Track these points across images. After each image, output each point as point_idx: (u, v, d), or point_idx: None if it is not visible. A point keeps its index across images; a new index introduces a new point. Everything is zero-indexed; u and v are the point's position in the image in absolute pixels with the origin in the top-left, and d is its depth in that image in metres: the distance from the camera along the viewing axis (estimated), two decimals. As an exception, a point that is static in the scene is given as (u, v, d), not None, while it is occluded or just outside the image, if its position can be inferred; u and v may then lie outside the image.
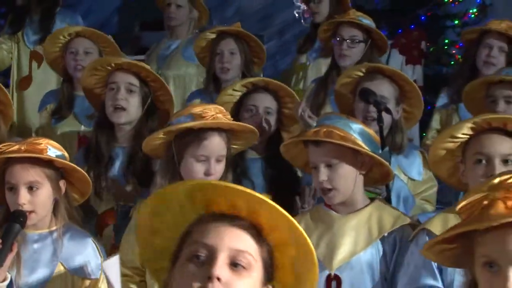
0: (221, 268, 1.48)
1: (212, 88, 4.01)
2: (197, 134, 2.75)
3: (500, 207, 1.57)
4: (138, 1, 8.78)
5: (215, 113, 2.77)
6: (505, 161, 2.51)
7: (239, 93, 3.45)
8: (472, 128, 2.56)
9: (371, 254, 2.68)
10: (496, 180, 1.62)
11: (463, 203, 1.65)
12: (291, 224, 1.54)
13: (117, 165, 3.25)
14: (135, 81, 3.25)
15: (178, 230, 1.59)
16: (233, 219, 1.55)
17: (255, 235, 1.56)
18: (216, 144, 2.77)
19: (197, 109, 2.82)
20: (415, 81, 5.92)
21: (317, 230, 2.71)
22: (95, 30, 4.13)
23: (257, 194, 1.51)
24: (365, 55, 4.17)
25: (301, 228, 1.55)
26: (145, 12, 7.73)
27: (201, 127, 2.75)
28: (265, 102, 3.40)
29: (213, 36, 4.11)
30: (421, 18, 7.04)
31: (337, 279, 2.62)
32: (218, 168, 2.78)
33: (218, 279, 1.47)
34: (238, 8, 9.16)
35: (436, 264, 2.41)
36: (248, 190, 1.53)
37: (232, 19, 8.86)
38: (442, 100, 4.42)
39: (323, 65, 4.73)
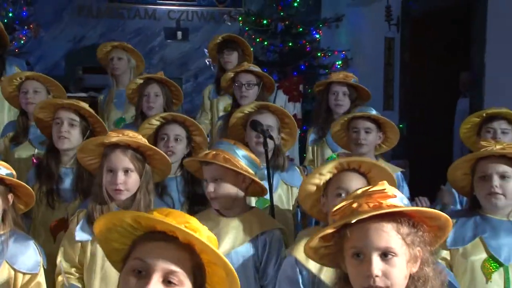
0: (155, 285, 1.44)
1: (139, 123, 3.80)
2: (107, 149, 2.63)
3: (365, 207, 1.60)
4: (80, 50, 8.81)
5: (121, 134, 2.65)
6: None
7: (155, 126, 3.34)
8: (335, 167, 2.46)
9: (247, 249, 2.62)
10: (359, 191, 1.65)
11: (336, 208, 1.67)
12: (218, 258, 1.49)
13: (67, 183, 3.18)
14: (75, 117, 3.21)
15: (127, 241, 1.54)
16: (171, 239, 1.48)
17: (188, 252, 1.49)
18: (120, 158, 2.59)
19: (114, 131, 2.74)
20: (295, 115, 6.35)
21: (213, 228, 2.39)
22: (42, 74, 4.05)
23: (189, 232, 1.46)
24: (258, 95, 4.19)
25: (225, 260, 1.49)
26: (86, 58, 7.69)
27: (111, 144, 2.63)
28: (175, 130, 3.28)
29: (141, 81, 4.05)
30: (301, 67, 7.22)
31: None
32: (124, 179, 2.59)
33: None
34: (162, 57, 9.24)
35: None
36: (180, 227, 1.47)
37: (157, 65, 9.02)
38: (312, 136, 4.34)
39: (223, 102, 4.79)
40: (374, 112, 3.60)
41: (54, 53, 8.90)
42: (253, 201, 3.14)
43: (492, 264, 2.43)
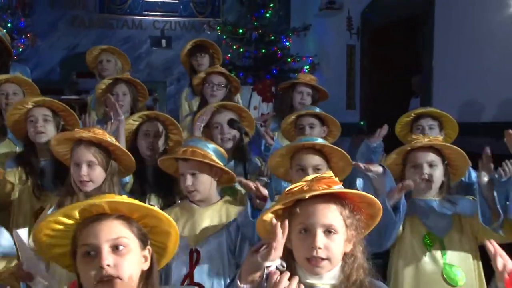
0: (106, 257, 1.43)
1: (108, 119, 3.67)
2: (75, 144, 2.59)
3: (316, 187, 1.64)
4: (74, 57, 8.75)
5: (88, 130, 2.59)
6: (316, 170, 2.54)
7: (137, 123, 3.27)
8: (294, 147, 2.62)
9: (221, 234, 2.58)
10: (310, 177, 1.69)
11: (288, 188, 1.70)
12: (156, 214, 1.50)
13: (47, 174, 3.11)
14: (48, 112, 3.14)
15: (66, 240, 1.51)
16: (104, 217, 1.48)
17: (125, 220, 1.49)
18: (84, 152, 2.54)
19: (82, 129, 2.68)
20: (269, 113, 6.24)
21: (183, 217, 2.58)
22: (19, 76, 3.93)
23: (109, 199, 1.46)
24: (226, 95, 4.16)
25: (146, 206, 1.51)
26: (80, 64, 7.39)
27: (78, 139, 2.57)
28: (155, 128, 3.24)
29: (110, 81, 3.94)
30: (273, 72, 7.27)
31: (197, 252, 2.51)
32: (88, 171, 2.54)
33: (108, 265, 1.43)
34: (148, 62, 9.22)
35: None
36: (101, 200, 1.47)
37: (144, 70, 9.04)
38: (272, 125, 4.31)
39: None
40: (317, 109, 3.63)
41: (50, 60, 8.82)
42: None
43: (431, 237, 2.52)
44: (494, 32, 5.34)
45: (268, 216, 1.69)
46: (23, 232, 2.03)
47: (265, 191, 2.41)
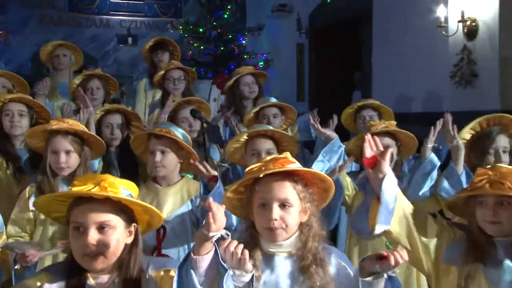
0: (92, 236, 1.49)
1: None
2: (51, 135, 2.59)
3: (271, 167, 1.66)
4: None
5: (62, 122, 2.61)
6: (268, 153, 2.58)
7: (100, 114, 3.25)
8: (248, 135, 2.71)
9: (183, 210, 2.57)
10: (268, 158, 1.72)
11: (248, 168, 1.73)
12: (143, 206, 1.58)
13: (24, 161, 3.08)
14: (23, 107, 3.12)
15: (64, 209, 1.58)
16: (95, 198, 1.53)
17: (112, 204, 1.54)
18: (62, 142, 2.56)
19: (56, 120, 2.70)
20: (224, 111, 6.48)
21: (149, 196, 2.54)
22: (7, 71, 3.88)
23: (97, 193, 1.51)
24: (186, 87, 4.15)
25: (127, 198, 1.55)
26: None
27: (53, 130, 2.58)
28: (118, 120, 3.21)
29: (84, 77, 3.87)
30: (231, 67, 7.15)
31: (163, 228, 2.49)
32: (66, 159, 2.55)
33: (93, 245, 1.50)
34: (115, 58, 9.12)
35: None
36: (93, 190, 1.52)
37: (111, 66, 8.88)
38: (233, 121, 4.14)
39: (158, 94, 4.54)
40: (273, 100, 3.68)
41: (22, 56, 8.62)
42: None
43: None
44: (422, 34, 5.57)
45: (231, 195, 1.73)
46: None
47: (214, 172, 2.44)
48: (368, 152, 1.70)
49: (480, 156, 2.49)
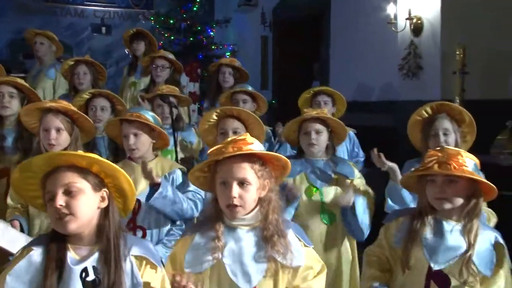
0: (59, 200, 1.45)
1: (72, 95, 3.68)
2: (44, 113, 2.57)
3: (230, 149, 1.66)
4: (21, 40, 8.31)
5: (54, 102, 2.61)
6: (234, 132, 2.58)
7: (85, 98, 3.21)
8: (217, 115, 2.68)
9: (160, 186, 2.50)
10: (228, 140, 1.71)
11: (211, 149, 1.72)
12: (100, 162, 1.52)
13: (9, 141, 2.98)
14: (13, 90, 3.06)
15: (38, 185, 1.53)
16: (67, 167, 1.50)
17: (79, 170, 1.50)
18: (53, 119, 2.54)
19: (49, 100, 2.70)
20: (194, 92, 6.24)
21: (128, 173, 2.19)
22: None
23: (66, 152, 1.51)
24: (170, 75, 4.14)
25: (110, 164, 1.53)
26: (26, 46, 7.27)
27: (46, 108, 2.56)
28: (101, 103, 3.20)
29: (72, 63, 3.86)
30: (199, 57, 7.21)
31: (139, 202, 2.46)
32: (56, 136, 2.54)
33: (61, 206, 1.46)
34: (90, 47, 8.89)
35: None
36: (77, 154, 1.50)
37: (85, 54, 8.74)
38: (206, 104, 4.40)
39: (143, 81, 4.64)
40: (250, 88, 3.72)
41: (-1, 42, 8.42)
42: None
43: (312, 189, 2.65)
44: (374, 30, 5.72)
45: (197, 172, 1.76)
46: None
47: (158, 180, 2.43)
48: None
49: (425, 139, 2.59)
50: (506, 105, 4.76)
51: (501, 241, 1.88)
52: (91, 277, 1.43)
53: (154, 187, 2.45)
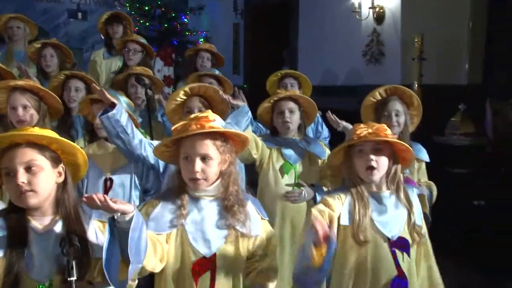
0: (21, 177, 1.44)
1: (40, 77, 3.62)
2: (10, 92, 2.51)
3: (193, 127, 1.65)
4: None
5: (22, 80, 2.54)
6: (200, 111, 2.46)
7: (61, 79, 3.13)
8: (184, 93, 2.59)
9: (130, 165, 2.50)
10: (191, 117, 1.69)
11: (175, 126, 1.70)
12: (59, 141, 1.51)
13: None
14: None
15: None
16: (24, 145, 1.48)
17: (38, 147, 1.48)
18: (19, 97, 2.48)
19: (16, 80, 2.62)
20: (169, 75, 6.11)
21: (99, 152, 2.51)
22: None
23: (22, 133, 1.46)
24: (142, 59, 4.05)
25: (66, 141, 1.51)
26: None
27: (12, 87, 2.49)
28: (76, 84, 3.12)
29: (39, 45, 3.74)
30: (174, 42, 7.17)
31: (111, 180, 2.46)
32: (23, 113, 2.47)
33: (23, 183, 1.45)
34: (66, 32, 8.78)
35: None
36: (19, 132, 1.47)
37: (62, 38, 8.45)
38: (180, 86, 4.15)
39: (114, 62, 4.49)
40: (216, 72, 3.62)
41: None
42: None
43: (288, 165, 2.70)
44: (340, 18, 5.76)
45: (160, 148, 1.73)
46: None
47: (113, 99, 2.35)
48: (320, 231, 1.61)
49: (378, 119, 2.62)
50: (460, 89, 4.92)
51: (419, 192, 2.00)
52: (69, 244, 1.41)
53: (111, 107, 2.36)
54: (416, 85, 4.63)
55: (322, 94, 4.40)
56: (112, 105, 2.36)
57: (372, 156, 1.85)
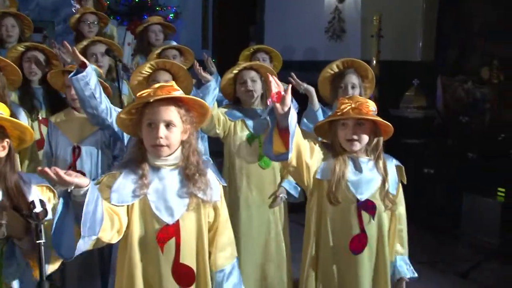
0: None
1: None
2: None
3: (159, 93, 1.59)
4: None
5: None
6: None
7: (20, 51, 2.90)
8: (150, 67, 2.50)
9: (97, 133, 2.48)
10: (156, 86, 1.63)
11: (140, 93, 1.64)
12: (14, 123, 1.49)
13: None
14: None
15: None
16: None
17: None
18: None
19: None
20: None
21: (67, 121, 2.49)
22: None
23: None
24: (98, 30, 3.81)
25: (20, 123, 1.51)
26: None
27: None
28: (37, 56, 2.89)
29: None
30: (144, 17, 6.58)
31: (79, 148, 2.45)
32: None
33: None
34: (38, 3, 8.22)
35: None
36: None
37: (34, 10, 8.10)
38: (140, 61, 3.89)
39: None
40: (174, 43, 3.47)
41: None
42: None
43: (251, 136, 2.61)
44: (305, -5, 5.63)
45: (121, 115, 1.66)
46: None
47: (83, 58, 2.25)
48: (274, 89, 1.70)
49: (335, 90, 2.61)
50: (414, 66, 5.02)
51: (398, 163, 2.03)
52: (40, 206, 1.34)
53: (81, 68, 2.24)
54: (375, 61, 4.63)
55: (286, 68, 4.34)
56: (83, 65, 2.24)
57: (354, 130, 1.90)
